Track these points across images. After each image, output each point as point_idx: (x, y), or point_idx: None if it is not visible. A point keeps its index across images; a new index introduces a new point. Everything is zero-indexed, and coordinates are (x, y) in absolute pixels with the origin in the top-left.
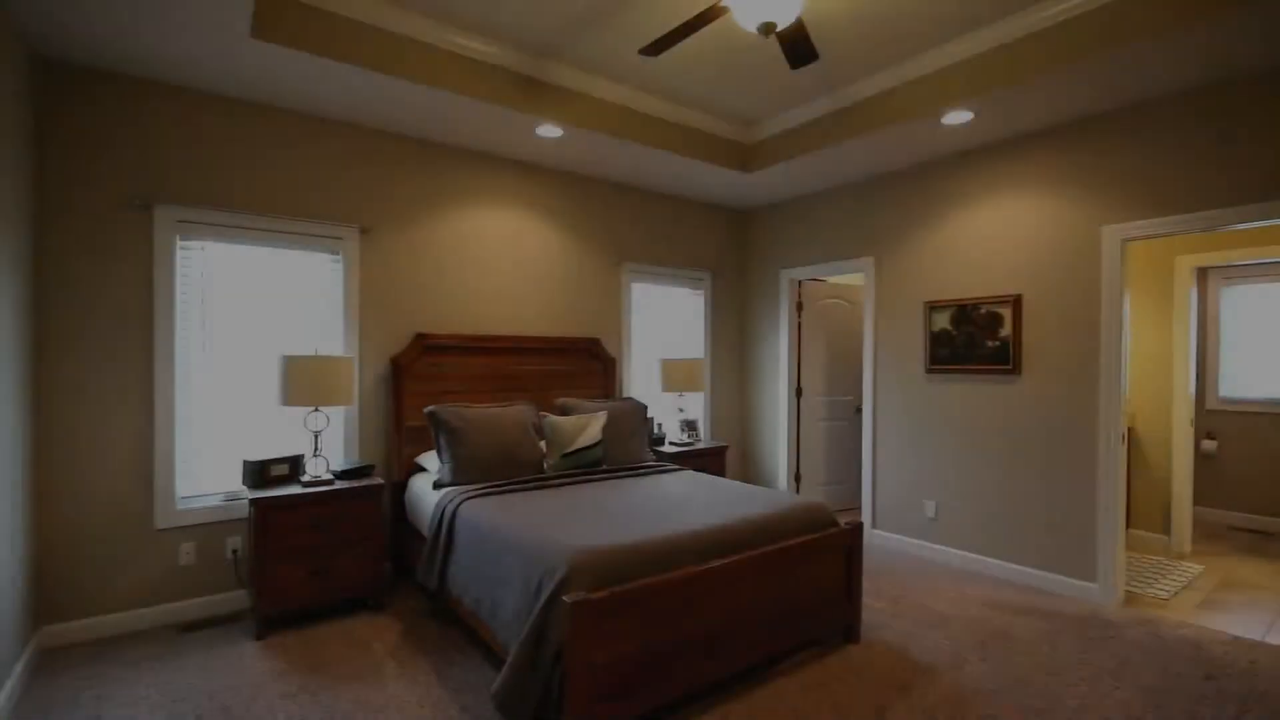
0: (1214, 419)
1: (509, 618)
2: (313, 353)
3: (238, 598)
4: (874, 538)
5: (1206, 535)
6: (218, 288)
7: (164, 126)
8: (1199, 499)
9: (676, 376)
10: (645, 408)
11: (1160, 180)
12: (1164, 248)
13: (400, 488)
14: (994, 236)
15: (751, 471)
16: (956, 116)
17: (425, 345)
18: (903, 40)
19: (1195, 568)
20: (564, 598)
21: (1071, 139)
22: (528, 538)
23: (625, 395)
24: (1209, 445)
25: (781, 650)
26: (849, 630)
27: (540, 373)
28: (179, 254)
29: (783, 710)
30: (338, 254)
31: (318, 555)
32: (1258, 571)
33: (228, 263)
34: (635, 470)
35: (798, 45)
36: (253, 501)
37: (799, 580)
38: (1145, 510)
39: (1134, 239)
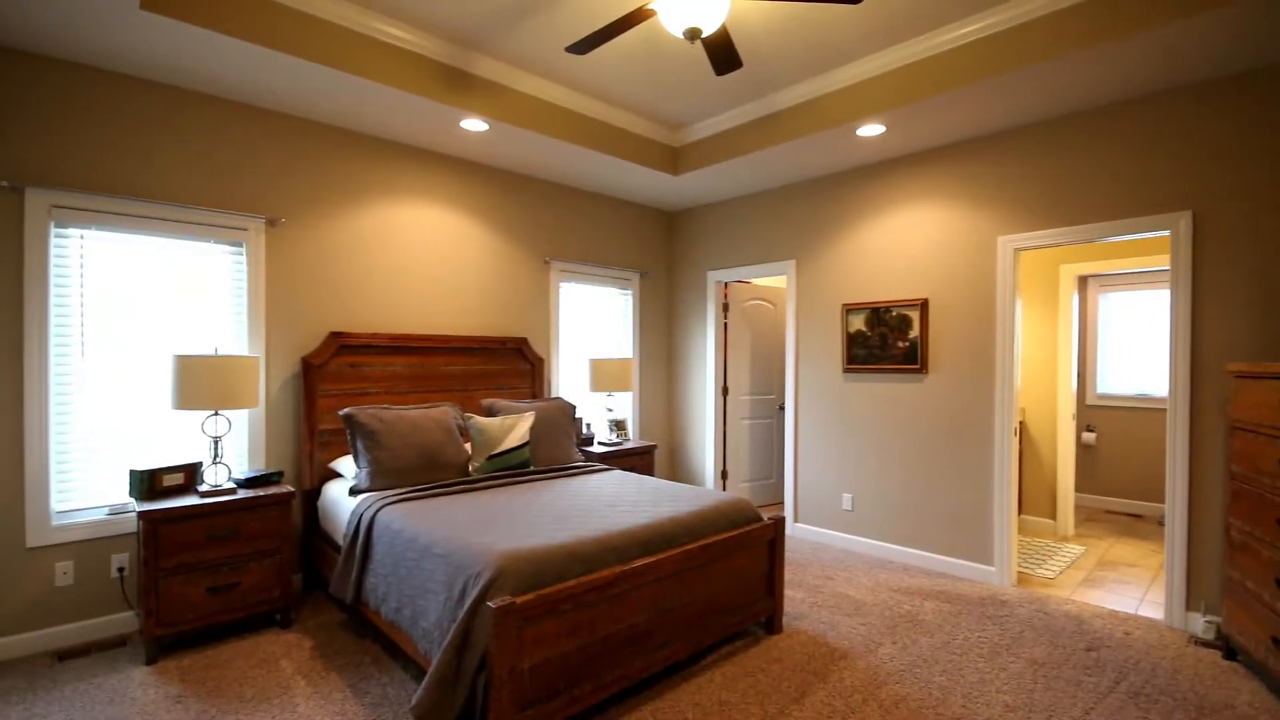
0: (1093, 413)
1: (431, 626)
2: (212, 352)
3: (125, 620)
4: (796, 531)
5: (1087, 519)
6: (102, 281)
7: (39, 102)
8: (1081, 486)
9: (606, 376)
10: (574, 408)
11: (1047, 195)
12: (1050, 257)
13: (313, 495)
14: (904, 243)
15: (680, 470)
16: (870, 129)
17: (341, 345)
18: (821, 54)
19: (1078, 549)
20: (489, 603)
21: (971, 154)
22: (451, 543)
23: (554, 395)
24: (1089, 437)
25: (709, 644)
26: (772, 621)
27: (465, 373)
28: (54, 243)
29: (709, 703)
30: (241, 246)
31: (218, 570)
32: (1131, 550)
33: (115, 254)
34: (564, 471)
35: (723, 52)
36: (141, 514)
37: (724, 575)
38: (1035, 498)
39: (1025, 249)
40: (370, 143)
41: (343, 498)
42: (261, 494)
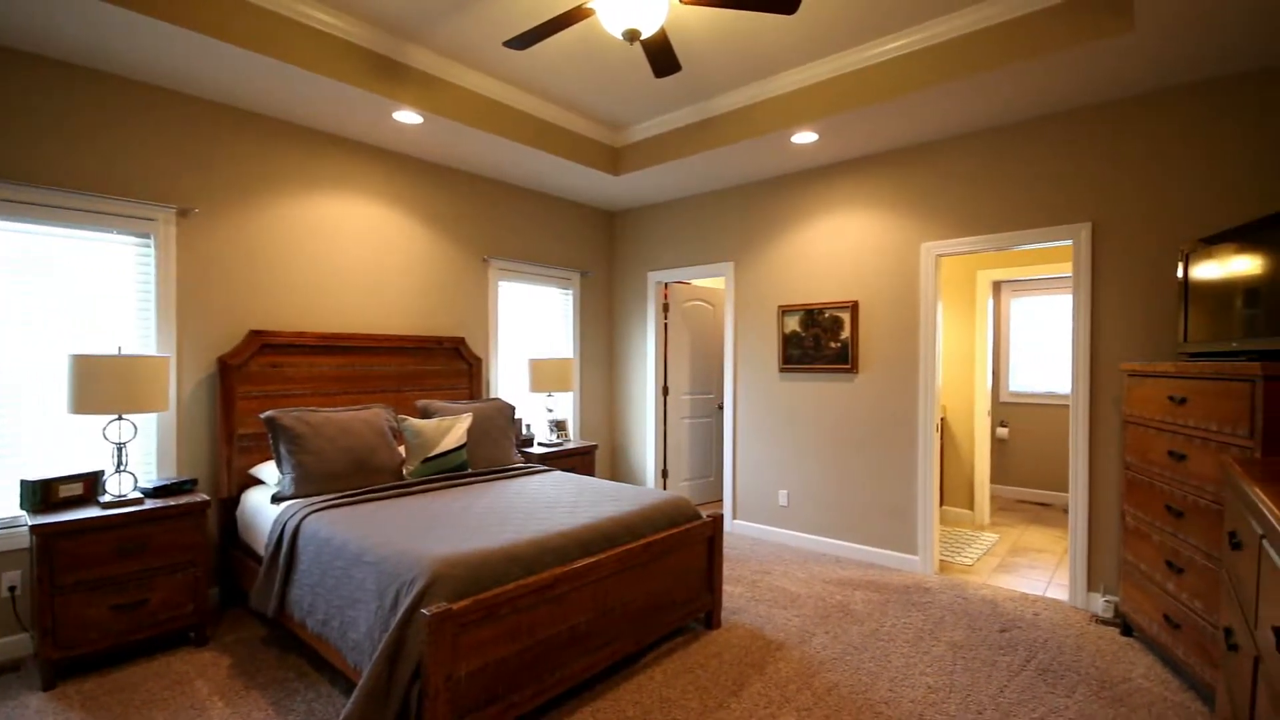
0: (1006, 410)
1: (361, 637)
2: (116, 352)
3: (20, 642)
4: (735, 527)
5: (1001, 508)
6: None
7: None
8: (995, 478)
9: (546, 376)
10: (513, 409)
11: (966, 205)
12: (968, 263)
13: (231, 504)
14: (836, 247)
15: (621, 469)
16: (804, 136)
17: (263, 344)
18: (758, 61)
19: (993, 537)
20: (423, 610)
21: (898, 164)
22: (383, 549)
23: (492, 396)
24: (1002, 432)
25: (650, 641)
26: (711, 616)
27: (399, 374)
28: None
29: (649, 700)
30: (149, 238)
31: (125, 586)
32: (1040, 537)
33: (2, 245)
34: (503, 473)
35: (662, 55)
36: (33, 529)
37: (665, 573)
38: (955, 489)
39: (946, 255)
40: (297, 132)
41: (264, 506)
42: (172, 504)
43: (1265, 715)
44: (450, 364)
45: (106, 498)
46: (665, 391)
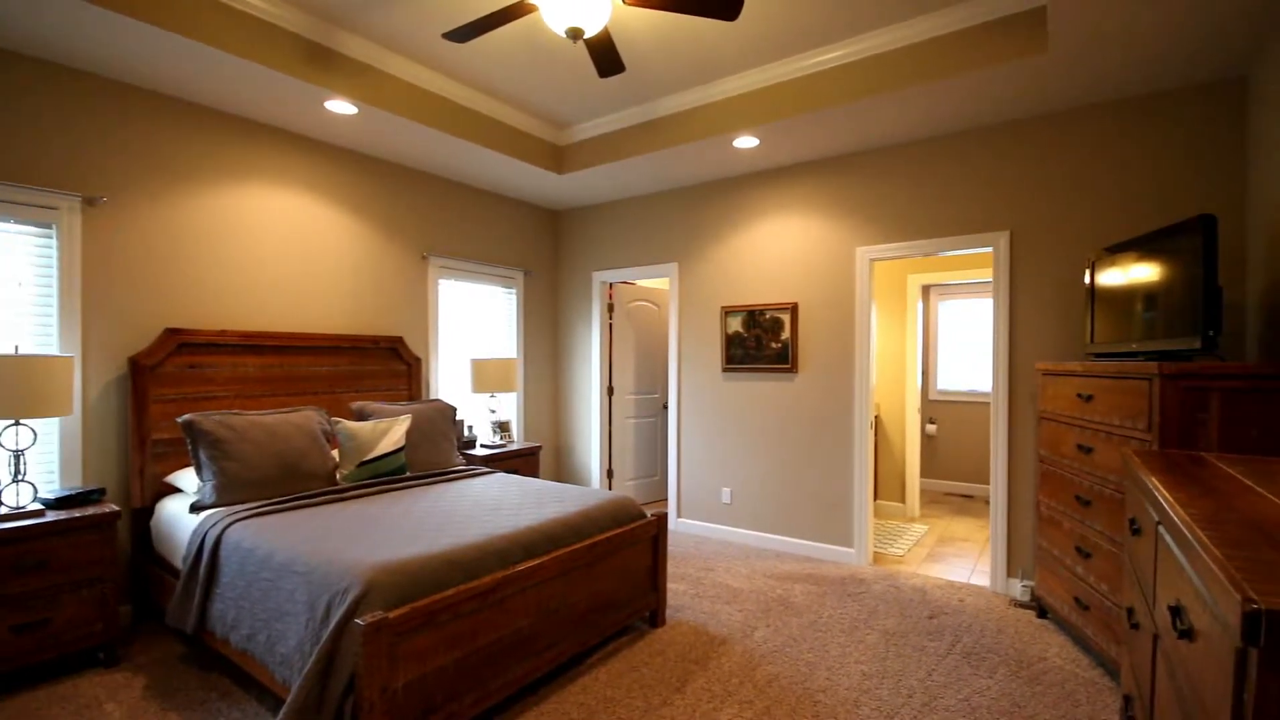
0: (934, 407)
1: (290, 651)
2: (12, 351)
3: None
4: (679, 526)
5: (930, 501)
6: None
7: None
8: (925, 472)
9: (488, 377)
10: (454, 410)
11: (898, 212)
12: (900, 267)
13: (145, 514)
14: (777, 249)
15: (566, 470)
16: (745, 141)
17: (180, 343)
18: (701, 66)
19: (922, 528)
20: (357, 620)
21: (835, 171)
22: (315, 558)
23: (432, 397)
24: (931, 428)
25: (594, 642)
26: (655, 615)
27: (333, 374)
28: None
29: (593, 701)
30: (50, 228)
31: (25, 605)
32: (965, 527)
33: None
34: (443, 476)
35: (605, 55)
36: None
37: (609, 573)
38: (887, 484)
39: (879, 259)
40: (222, 119)
41: (182, 515)
42: (77, 515)
43: (1164, 687)
44: (388, 364)
45: (2, 510)
46: (610, 391)
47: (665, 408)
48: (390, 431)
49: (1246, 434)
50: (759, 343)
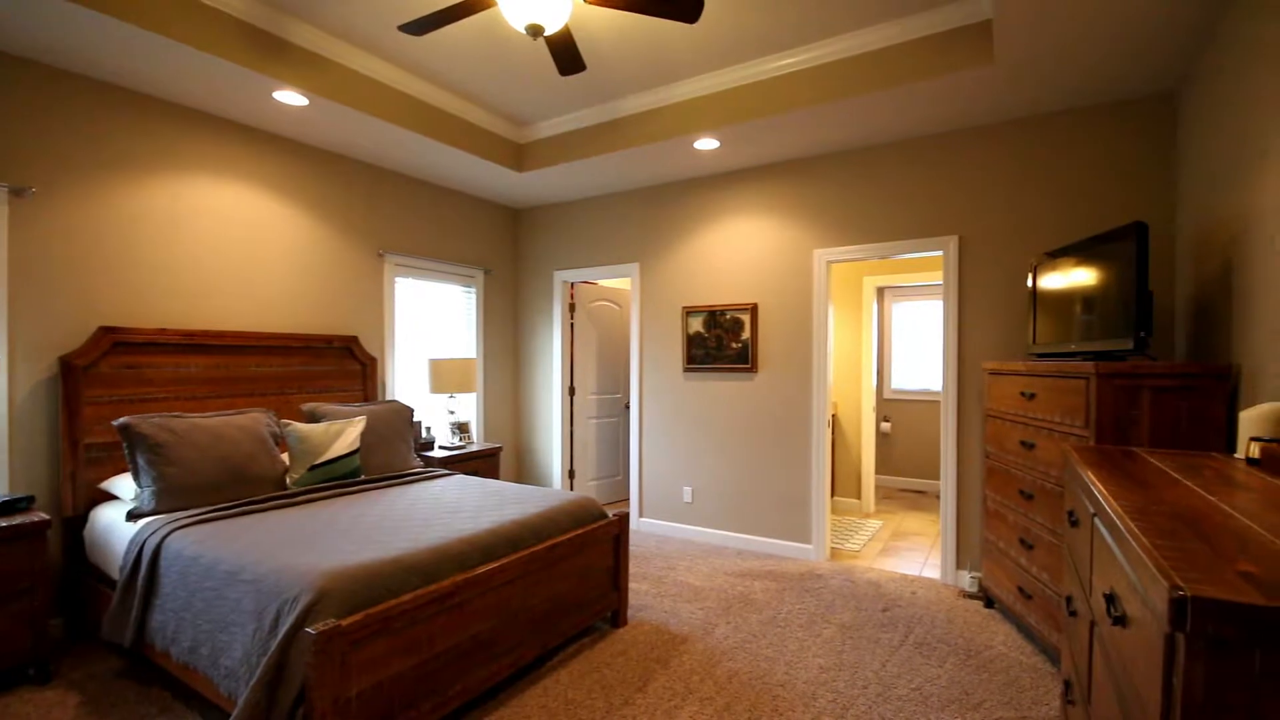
0: (889, 406)
1: (236, 663)
2: None
3: None
4: (641, 525)
5: (885, 497)
6: None
7: None
8: (879, 469)
9: (447, 377)
10: (411, 411)
11: (855, 215)
12: (856, 269)
13: (78, 523)
14: (738, 251)
15: (527, 471)
16: (706, 143)
17: (115, 342)
18: (662, 67)
19: (877, 523)
20: (307, 629)
21: (794, 174)
22: (262, 566)
23: (389, 398)
24: (886, 426)
25: (556, 644)
26: (617, 615)
27: (283, 375)
28: None
29: (555, 704)
30: None
31: None
32: (918, 522)
33: None
34: (400, 479)
35: (566, 53)
36: None
37: (570, 574)
38: (844, 480)
39: (836, 261)
40: (162, 107)
41: (118, 524)
42: (3, 525)
43: (1100, 672)
44: (341, 364)
45: None
46: (572, 391)
47: (627, 408)
48: (344, 434)
49: (1174, 429)
50: (720, 343)
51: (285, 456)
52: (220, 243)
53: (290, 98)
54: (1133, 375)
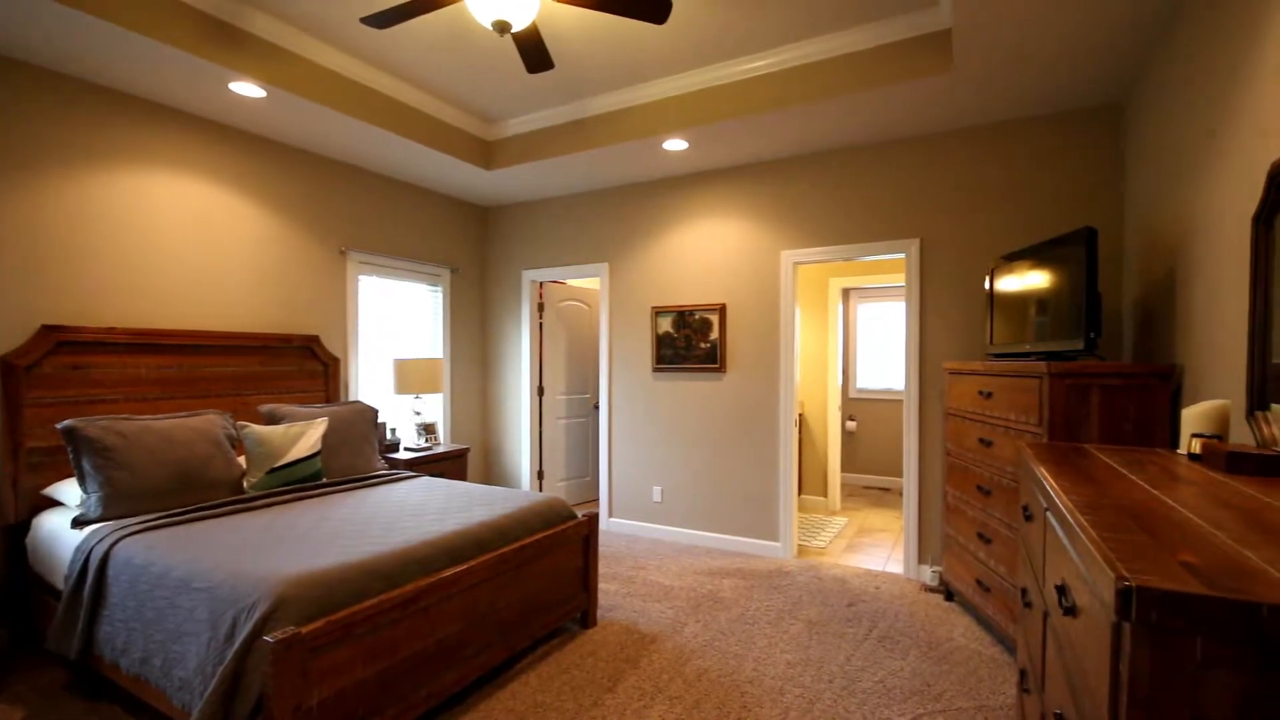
0: (854, 405)
1: (190, 674)
2: None
3: None
4: (611, 525)
5: (850, 494)
6: None
7: None
8: (845, 466)
9: (412, 377)
10: (375, 412)
11: (821, 218)
12: (822, 271)
13: (20, 530)
14: (706, 251)
15: (495, 472)
16: (674, 144)
17: (59, 341)
18: (631, 67)
19: (843, 520)
20: (265, 637)
21: (762, 176)
22: (217, 573)
23: (352, 399)
24: (851, 425)
25: (524, 646)
26: (586, 616)
27: (240, 375)
28: None
29: (523, 707)
30: None
31: None
32: (882, 518)
33: None
34: (364, 481)
35: (534, 50)
36: None
37: (539, 575)
38: (811, 478)
39: (802, 263)
40: (112, 97)
41: (63, 531)
42: None
43: (1053, 660)
44: (302, 364)
45: None
46: (541, 392)
47: (596, 408)
48: (304, 436)
49: (1122, 426)
50: (688, 343)
51: (242, 460)
52: (174, 239)
53: (247, 89)
54: (1083, 375)
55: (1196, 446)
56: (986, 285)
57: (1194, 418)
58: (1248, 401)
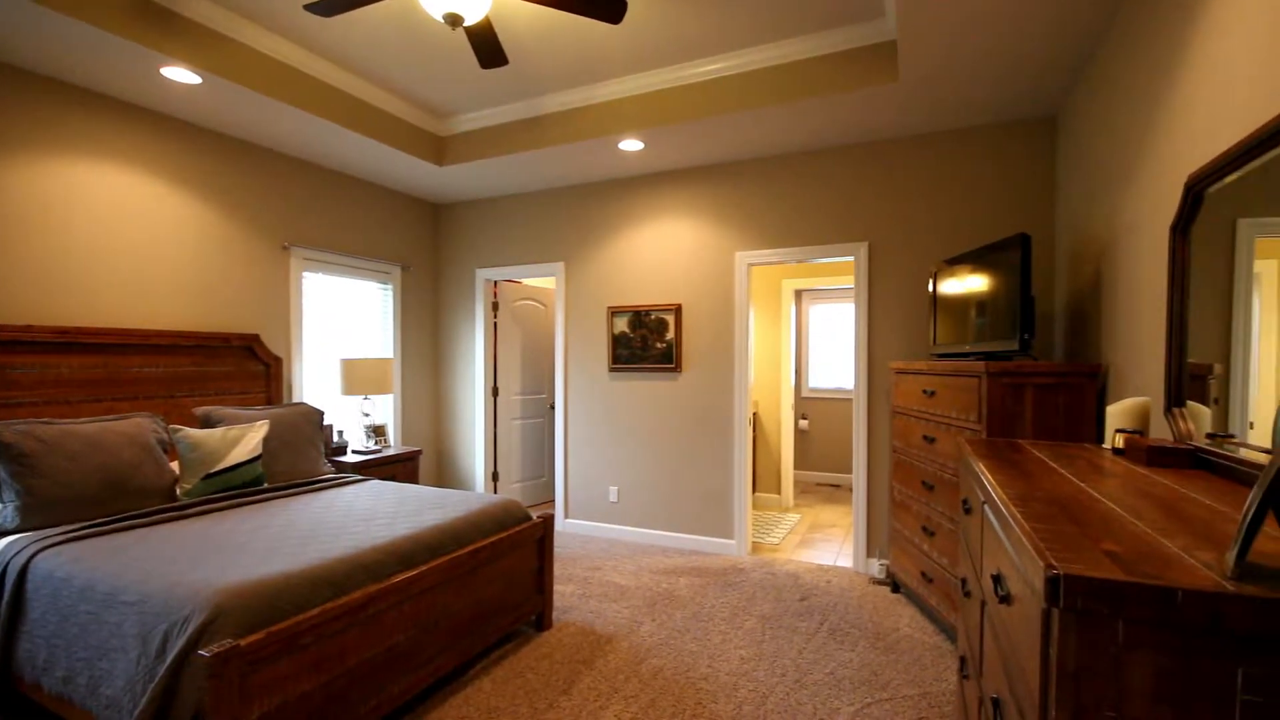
0: (806, 404)
1: (118, 693)
2: None
3: None
4: (567, 526)
5: (803, 491)
6: None
7: None
8: (798, 464)
9: (360, 378)
10: (321, 414)
11: (775, 220)
12: (775, 272)
13: None
14: (662, 252)
15: (448, 475)
16: (630, 144)
17: None
18: (586, 66)
19: (796, 516)
20: (201, 651)
21: (717, 178)
22: (148, 585)
23: (296, 400)
24: (804, 424)
25: (477, 651)
26: (541, 618)
27: (173, 376)
28: None
29: (475, 713)
30: None
31: None
32: (833, 514)
33: None
34: (309, 486)
35: (486, 45)
36: None
37: (493, 579)
38: (765, 476)
39: (756, 264)
40: (29, 80)
41: None
42: None
43: (990, 647)
44: (241, 365)
45: None
46: (495, 392)
47: (552, 408)
48: (244, 439)
49: (1054, 422)
50: (645, 343)
51: (176, 465)
52: (101, 231)
53: (180, 75)
54: (1018, 374)
55: (1120, 441)
56: (930, 288)
57: (1118, 414)
58: (1166, 399)
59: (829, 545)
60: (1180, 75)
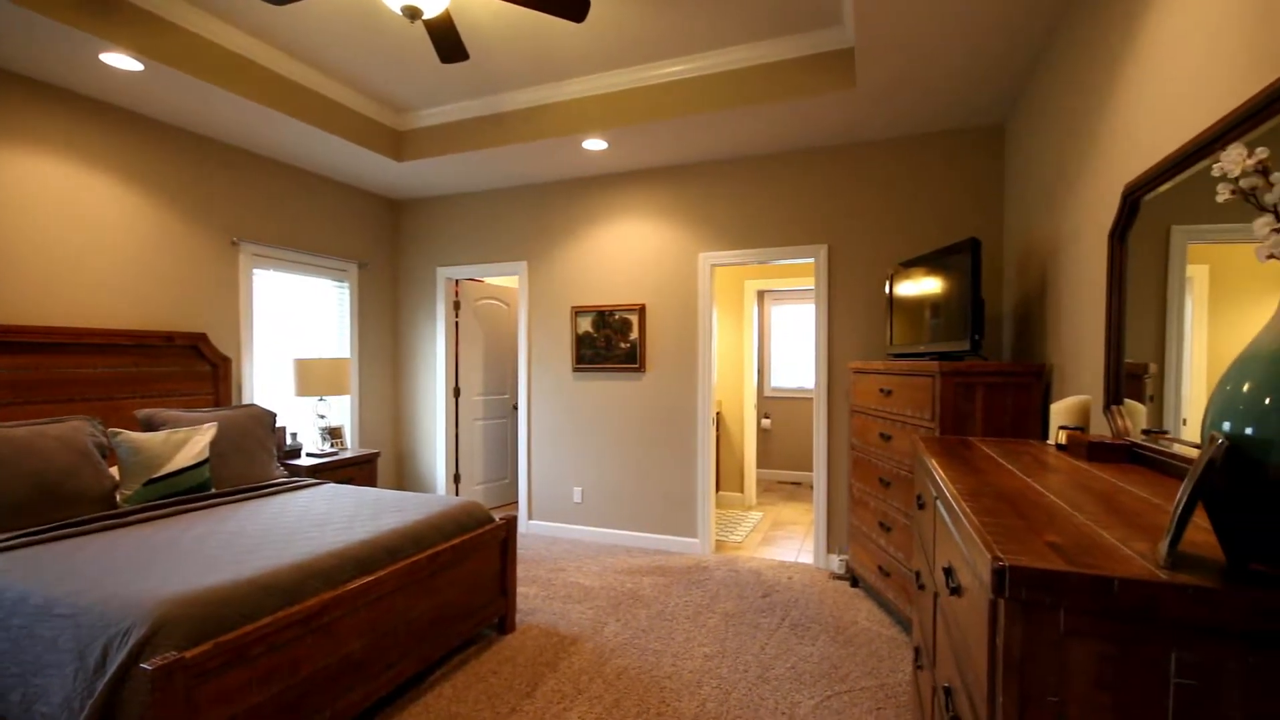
0: (769, 403)
1: (54, 710)
2: None
3: None
4: (531, 528)
5: (765, 490)
6: None
7: None
8: (760, 463)
9: (315, 378)
10: (273, 416)
11: (738, 221)
12: (738, 273)
13: None
14: (626, 251)
15: (409, 477)
16: (594, 143)
17: None
18: (549, 64)
19: (758, 514)
20: (143, 665)
21: (681, 179)
22: (84, 596)
23: (246, 402)
24: (766, 423)
25: (438, 656)
26: (504, 621)
27: (112, 377)
28: None
29: None
30: None
31: None
32: (794, 511)
33: None
34: (259, 491)
35: (446, 39)
36: None
37: (454, 582)
38: (728, 475)
39: (719, 265)
40: None
41: None
42: None
43: (942, 637)
44: (187, 365)
45: None
46: (457, 393)
47: (515, 409)
48: (189, 443)
49: (1002, 419)
50: (609, 343)
51: (116, 471)
52: (32, 224)
53: (120, 61)
54: (969, 373)
55: (1063, 438)
56: (887, 289)
57: (1061, 412)
58: (1105, 397)
59: (790, 542)
60: (1119, 89)
